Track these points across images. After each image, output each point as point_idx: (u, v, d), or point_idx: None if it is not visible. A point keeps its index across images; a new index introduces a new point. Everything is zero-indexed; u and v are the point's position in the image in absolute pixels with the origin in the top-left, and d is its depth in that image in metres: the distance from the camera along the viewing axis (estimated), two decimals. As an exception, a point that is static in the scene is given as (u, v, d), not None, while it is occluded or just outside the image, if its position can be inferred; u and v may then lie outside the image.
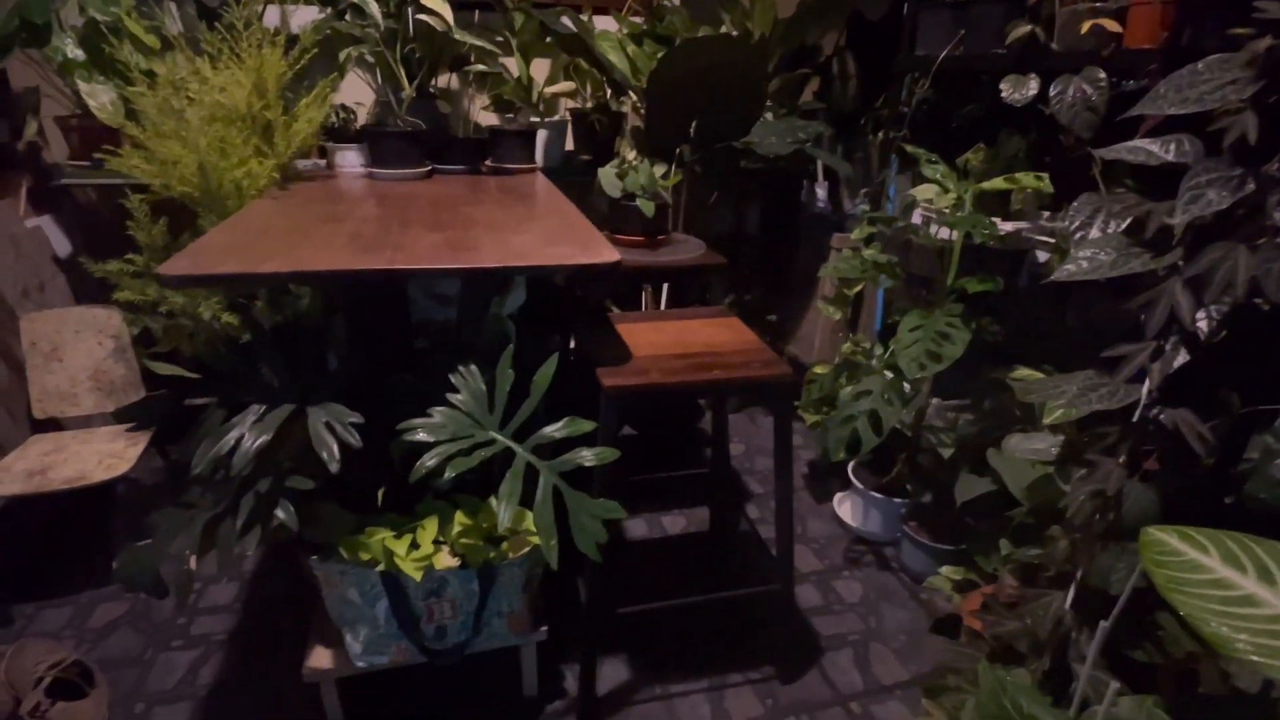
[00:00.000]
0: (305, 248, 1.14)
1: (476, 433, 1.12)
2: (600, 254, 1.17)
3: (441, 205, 1.56)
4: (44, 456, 1.67)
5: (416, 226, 1.34)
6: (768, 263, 2.98)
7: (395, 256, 1.11)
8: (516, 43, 2.20)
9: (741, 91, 1.89)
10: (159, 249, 1.61)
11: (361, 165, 1.98)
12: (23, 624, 1.62)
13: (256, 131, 1.61)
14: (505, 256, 1.15)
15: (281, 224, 1.31)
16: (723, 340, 1.37)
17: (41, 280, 2.05)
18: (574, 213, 1.52)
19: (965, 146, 1.92)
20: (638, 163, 1.67)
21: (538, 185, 1.89)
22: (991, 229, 1.50)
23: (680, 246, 1.76)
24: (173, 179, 1.53)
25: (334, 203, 1.54)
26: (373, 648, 1.27)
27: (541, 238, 1.30)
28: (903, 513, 1.87)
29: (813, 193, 2.83)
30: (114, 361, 1.80)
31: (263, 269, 1.01)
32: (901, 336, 1.58)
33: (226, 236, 1.19)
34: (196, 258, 1.05)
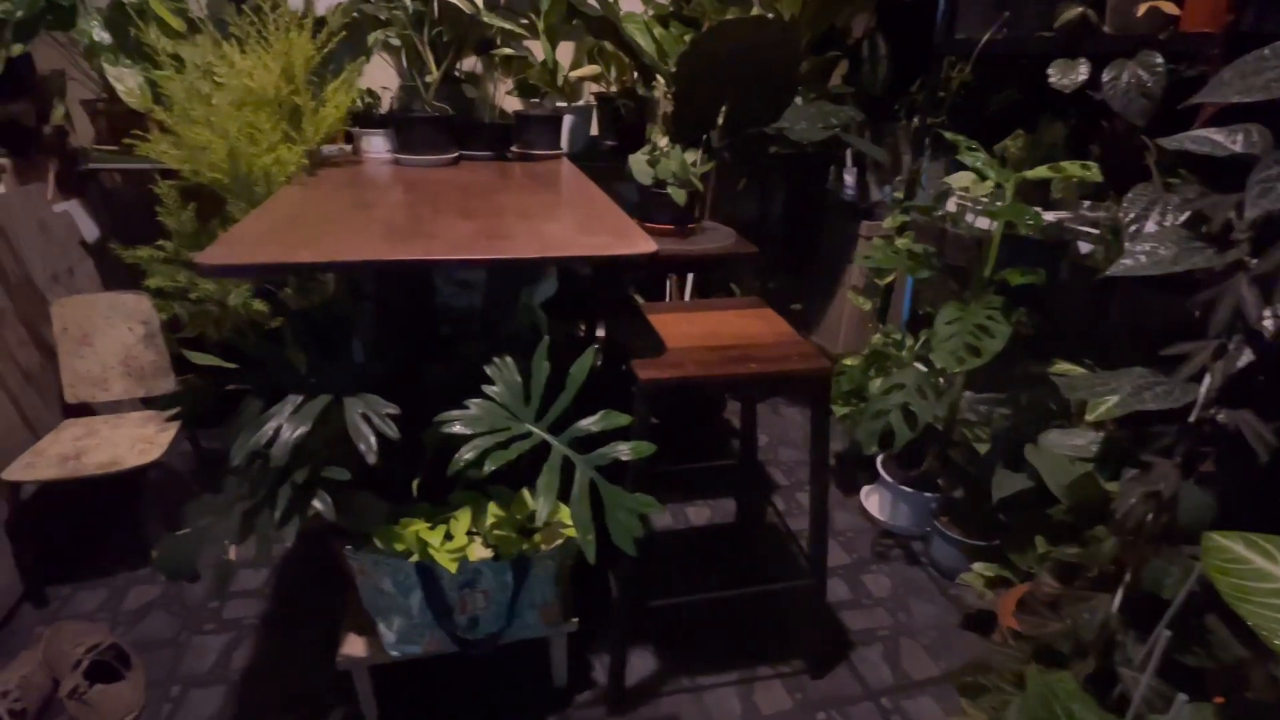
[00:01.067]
0: (339, 236, 1.12)
1: (513, 425, 1.11)
2: (637, 244, 1.15)
3: (471, 192, 1.54)
4: (76, 441, 1.68)
5: (448, 214, 1.32)
6: (792, 250, 2.94)
7: (430, 246, 1.09)
8: (543, 25, 2.16)
9: (773, 76, 1.84)
10: (188, 235, 1.61)
11: (388, 151, 1.96)
12: (58, 605, 1.64)
13: (284, 117, 1.59)
14: (541, 246, 1.12)
15: (313, 212, 1.29)
16: (757, 331, 1.35)
17: (70, 264, 2.06)
18: (604, 200, 1.49)
19: (1003, 132, 1.87)
20: (669, 149, 1.63)
21: (565, 171, 1.87)
22: (1036, 220, 1.46)
23: (710, 235, 1.73)
24: (202, 165, 1.52)
25: (363, 189, 1.52)
26: (406, 637, 1.27)
27: (575, 226, 1.27)
28: (933, 507, 1.85)
29: (840, 179, 2.78)
30: (144, 347, 1.81)
31: (299, 258, 1.00)
32: (938, 329, 1.55)
33: (259, 224, 1.18)
34: (232, 246, 1.04)
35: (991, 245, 1.65)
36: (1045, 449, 1.54)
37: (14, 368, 1.75)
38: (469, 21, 1.80)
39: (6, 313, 1.76)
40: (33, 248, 1.91)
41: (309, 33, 1.61)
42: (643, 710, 1.42)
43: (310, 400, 1.08)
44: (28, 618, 1.61)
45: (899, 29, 2.60)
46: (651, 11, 2.48)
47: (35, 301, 1.87)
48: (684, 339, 1.31)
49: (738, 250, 1.64)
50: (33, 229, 1.93)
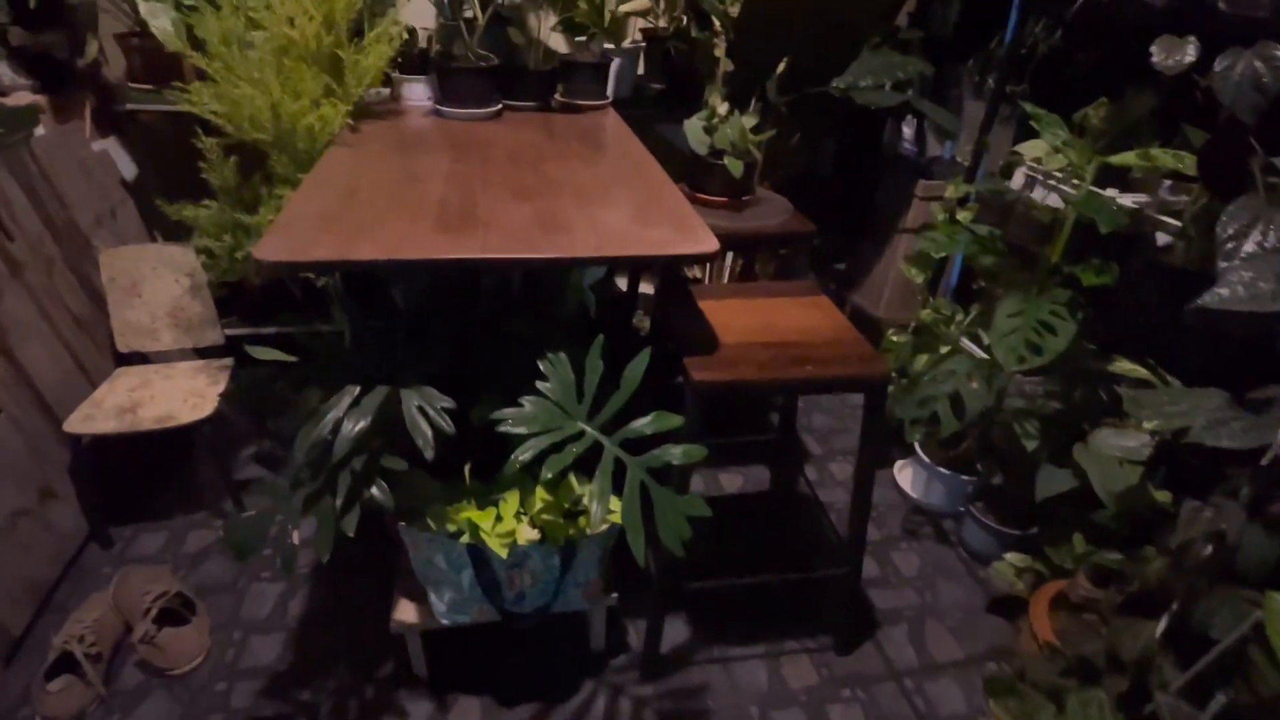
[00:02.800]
0: (396, 221, 1.09)
1: (566, 424, 1.11)
2: (699, 241, 1.11)
3: (520, 158, 1.48)
4: (131, 392, 1.72)
5: (500, 191, 1.27)
6: (839, 205, 2.82)
7: (488, 239, 1.06)
8: (592, -42, 2.01)
9: (843, 30, 1.71)
10: (231, 190, 1.57)
11: (428, 99, 1.88)
12: (121, 546, 1.74)
13: (325, 69, 1.52)
14: (599, 241, 1.09)
15: (365, 184, 1.26)
16: (814, 326, 1.32)
17: (112, 205, 2.05)
18: (658, 173, 1.43)
19: (1081, 96, 1.73)
20: (727, 116, 1.54)
21: (614, 129, 1.78)
22: (1120, 217, 1.37)
23: (765, 208, 1.66)
24: (244, 120, 1.47)
25: (410, 153, 1.47)
26: (456, 608, 1.33)
27: (633, 211, 1.22)
28: (969, 490, 1.85)
29: (898, 131, 2.63)
30: (191, 298, 1.82)
31: (360, 255, 0.98)
32: (998, 322, 1.50)
33: (312, 204, 1.15)
34: (288, 237, 1.01)
35: (1062, 231, 1.56)
36: (1094, 448, 1.51)
37: (66, 315, 1.78)
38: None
39: (56, 261, 1.77)
40: (76, 190, 1.90)
41: (350, -26, 1.52)
42: (674, 678, 1.49)
43: (368, 392, 1.09)
44: (94, 558, 1.70)
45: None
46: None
47: (82, 246, 1.87)
48: (737, 331, 1.28)
49: (795, 228, 1.58)
50: (74, 171, 1.91)
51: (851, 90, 1.72)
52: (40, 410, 1.65)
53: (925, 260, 2.12)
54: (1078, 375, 1.60)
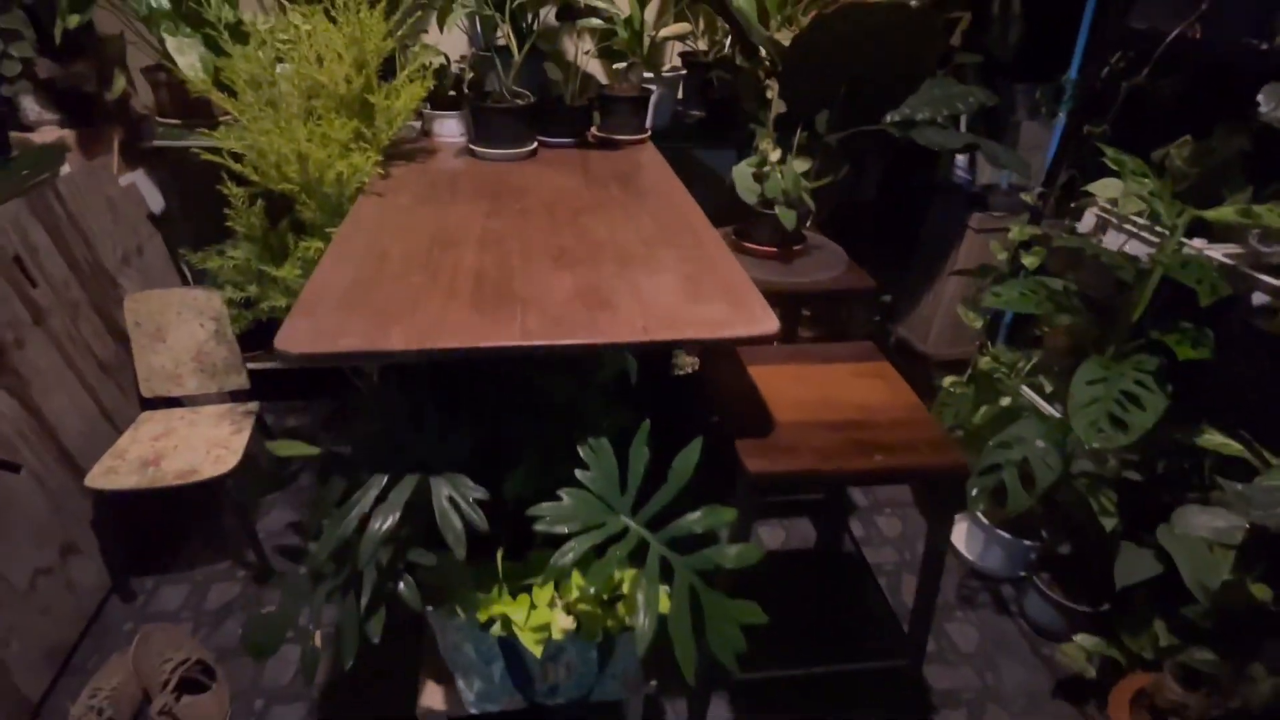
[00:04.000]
0: (429, 299, 1.01)
1: (608, 519, 1.01)
2: (757, 319, 1.00)
3: (557, 208, 1.39)
4: (155, 441, 1.67)
5: (538, 254, 1.19)
6: (884, 231, 2.69)
7: (528, 323, 0.97)
8: (632, -15, 1.91)
9: (901, 64, 1.59)
10: (257, 239, 1.51)
11: (460, 135, 1.80)
12: (144, 600, 1.69)
13: (354, 113, 1.45)
14: (648, 321, 0.99)
15: (395, 248, 1.18)
16: (878, 401, 1.20)
17: (139, 242, 2.01)
18: (705, 227, 1.33)
19: (1160, 131, 1.59)
20: (778, 158, 1.43)
21: (654, 169, 1.68)
22: (1223, 286, 1.24)
23: (818, 258, 1.55)
24: (270, 168, 1.40)
25: (443, 204, 1.39)
26: (486, 696, 1.24)
27: (681, 280, 1.12)
28: (1032, 558, 1.72)
29: (950, 156, 2.49)
30: (215, 343, 1.76)
31: (391, 344, 0.89)
32: (1076, 389, 1.37)
33: (339, 273, 1.07)
34: (314, 321, 0.94)
35: (1145, 288, 1.43)
36: (1180, 527, 1.38)
37: (91, 361, 1.74)
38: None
39: (81, 305, 1.73)
40: (102, 229, 1.85)
41: (381, 12, 1.44)
42: (717, 766, 1.39)
43: (396, 482, 1.00)
44: (116, 612, 1.66)
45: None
46: (751, -41, 2.19)
47: (108, 287, 1.83)
48: (791, 406, 1.18)
49: (852, 284, 1.46)
50: (101, 208, 1.87)
51: (911, 129, 1.60)
52: (63, 462, 1.60)
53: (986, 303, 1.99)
54: (1160, 445, 1.47)
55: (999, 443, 1.52)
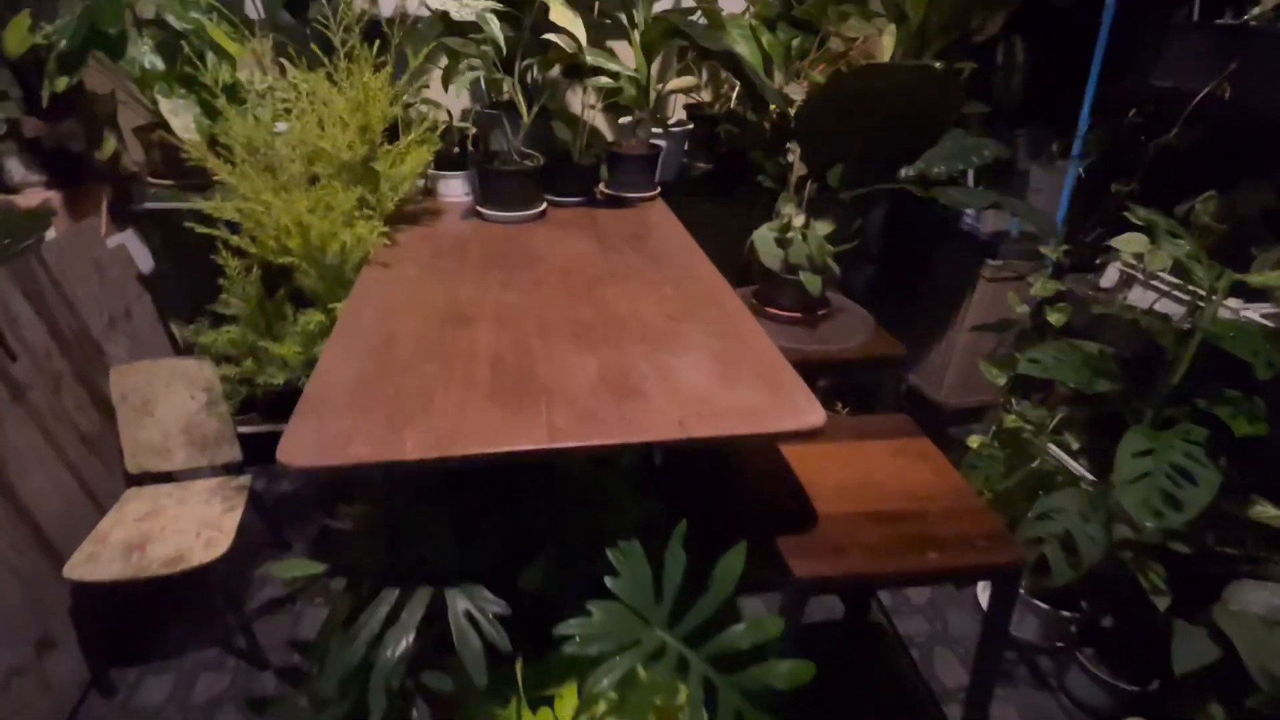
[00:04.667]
0: (445, 391, 0.93)
1: (644, 634, 0.92)
2: (801, 411, 0.93)
3: (573, 276, 1.32)
4: (140, 523, 1.56)
5: (558, 332, 1.11)
6: (892, 278, 2.65)
7: (554, 419, 0.89)
8: (641, 40, 1.88)
9: (923, 123, 1.55)
10: (252, 311, 1.43)
11: (466, 195, 1.74)
12: (125, 694, 1.56)
13: (357, 179, 1.38)
14: (684, 413, 0.91)
15: (405, 329, 1.10)
16: (923, 485, 1.13)
17: (127, 304, 1.92)
18: (730, 297, 1.26)
19: (1175, 184, 1.56)
20: (802, 223, 1.38)
21: (668, 230, 1.62)
22: (1276, 360, 1.18)
23: (843, 323, 1.49)
24: (267, 238, 1.33)
25: (453, 274, 1.32)
26: (502, 817, 1.13)
27: (712, 361, 1.05)
28: (1073, 630, 1.64)
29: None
30: (206, 415, 1.67)
31: (406, 453, 0.81)
32: (1122, 464, 1.30)
33: (345, 363, 0.99)
34: (319, 426, 0.85)
35: (1185, 352, 1.37)
36: (1235, 603, 1.31)
37: (73, 435, 1.63)
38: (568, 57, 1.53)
39: (64, 376, 1.63)
40: (88, 293, 1.77)
41: (387, 76, 1.38)
42: None
43: (408, 597, 0.91)
44: (95, 708, 1.53)
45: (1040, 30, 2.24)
46: (755, 10, 2.17)
47: (93, 354, 1.74)
48: (832, 493, 1.10)
49: (880, 351, 1.40)
50: (87, 271, 1.78)
51: (931, 188, 1.55)
52: (40, 548, 1.49)
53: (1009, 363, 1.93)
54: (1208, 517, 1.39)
55: (1039, 514, 1.45)
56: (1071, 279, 1.81)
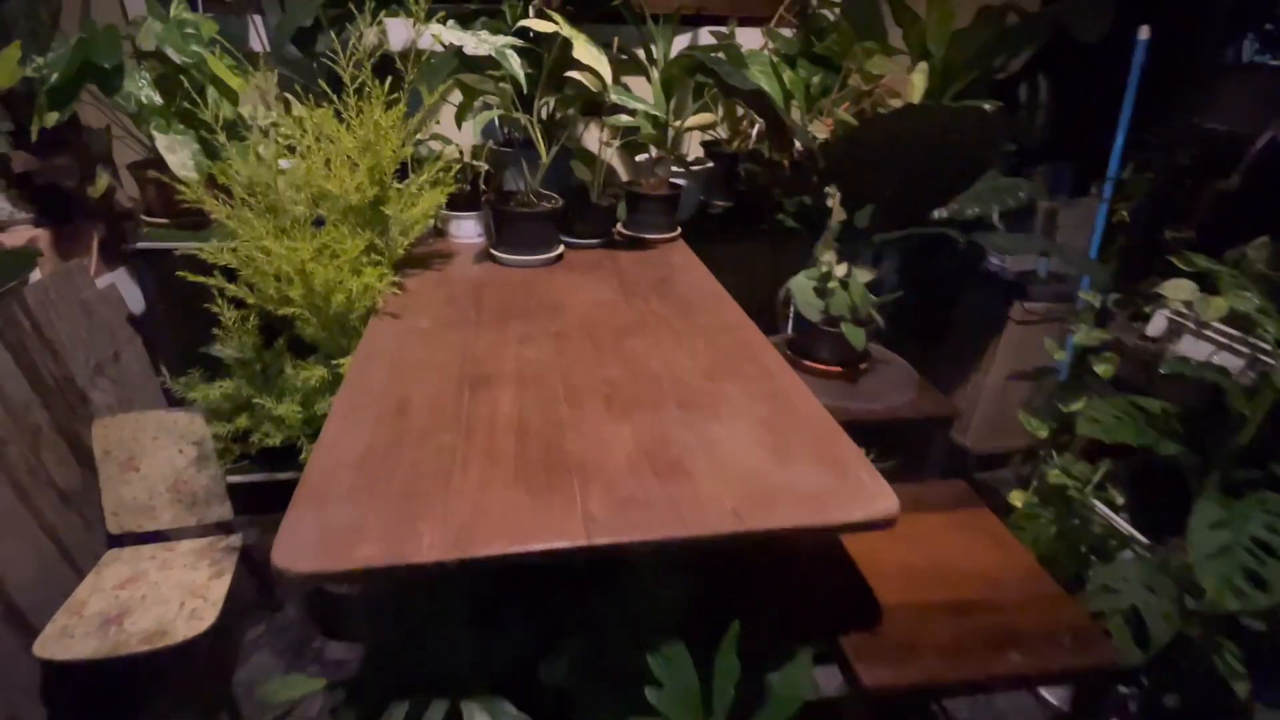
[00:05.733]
0: (464, 472, 0.82)
1: (691, 753, 0.80)
2: (869, 495, 0.82)
3: (598, 330, 1.22)
4: (119, 591, 1.44)
5: (587, 394, 1.01)
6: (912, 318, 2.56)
7: (590, 506, 0.78)
8: (660, 77, 1.81)
9: (962, 165, 1.48)
10: (250, 360, 1.33)
11: (479, 235, 1.65)
12: (98, 783, 1.42)
13: (365, 223, 1.29)
14: (736, 496, 0.80)
15: (419, 391, 1.00)
16: (993, 567, 1.02)
17: (116, 348, 1.81)
18: (767, 351, 1.16)
19: (1222, 225, 1.47)
20: (844, 272, 1.29)
21: (693, 275, 1.53)
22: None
23: (885, 377, 1.39)
24: (267, 285, 1.23)
25: (469, 326, 1.21)
26: None
27: (762, 431, 0.94)
28: (1133, 710, 1.51)
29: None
30: (196, 470, 1.55)
31: (420, 555, 0.70)
32: (1197, 537, 1.19)
33: (352, 435, 0.89)
34: (319, 521, 0.74)
35: (1255, 413, 1.27)
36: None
37: (51, 493, 1.51)
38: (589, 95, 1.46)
39: (44, 429, 1.52)
40: (74, 338, 1.66)
41: (399, 114, 1.30)
42: None
43: (421, 711, 0.79)
44: (63, 801, 1.38)
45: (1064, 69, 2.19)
46: (775, 45, 2.12)
47: (76, 404, 1.62)
48: (896, 578, 0.98)
49: (929, 410, 1.29)
50: (74, 315, 1.68)
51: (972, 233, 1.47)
52: (10, 620, 1.36)
53: (1049, 408, 1.83)
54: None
55: (1101, 586, 1.33)
56: (1114, 326, 1.72)
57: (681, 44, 2.15)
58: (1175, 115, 1.59)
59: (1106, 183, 1.92)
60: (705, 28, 2.17)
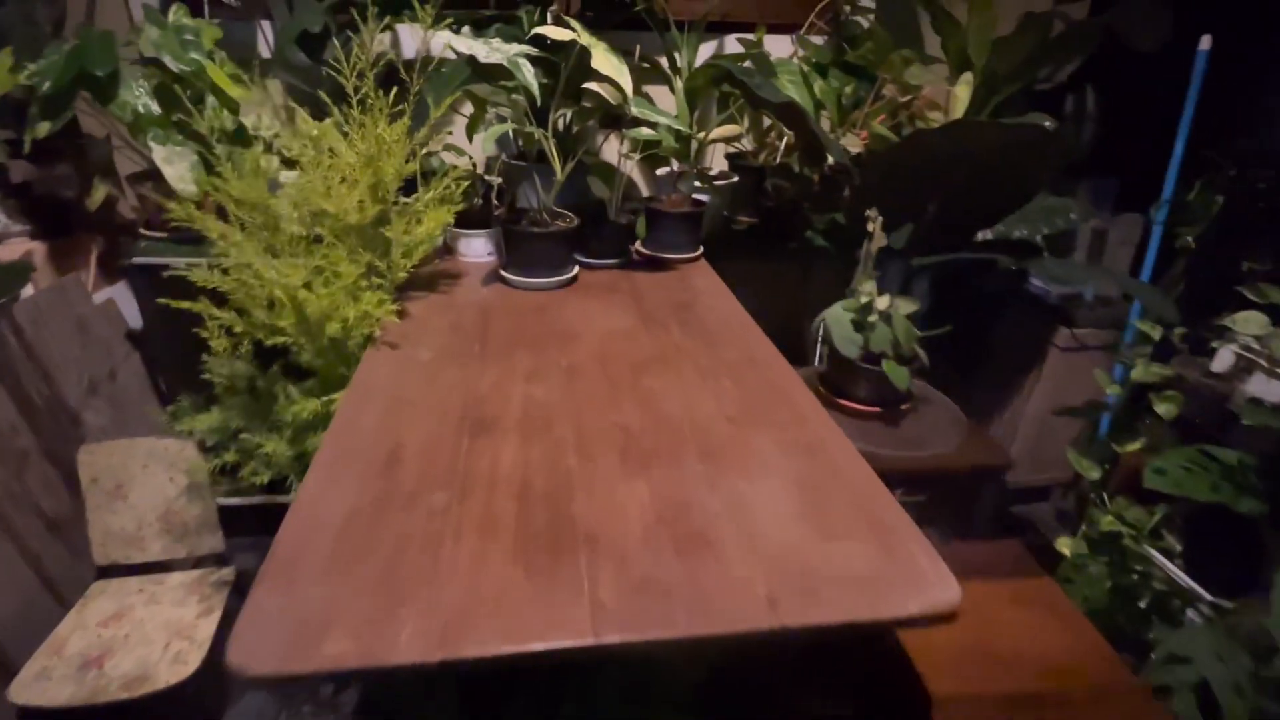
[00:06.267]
0: (456, 545, 0.72)
1: None
2: (929, 585, 0.71)
3: (613, 364, 1.12)
4: (102, 628, 1.36)
5: (601, 448, 0.90)
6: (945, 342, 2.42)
7: (600, 593, 0.67)
8: (684, 87, 1.71)
9: (1012, 186, 1.35)
10: (242, 390, 1.24)
11: (489, 254, 1.56)
12: (75, 833, 1.33)
13: (365, 243, 1.20)
14: (769, 579, 0.69)
15: (413, 436, 0.90)
16: (1057, 648, 0.90)
17: (112, 366, 1.74)
18: (801, 392, 1.05)
19: None
20: (886, 304, 1.17)
21: (716, 301, 1.42)
22: None
23: (929, 419, 1.26)
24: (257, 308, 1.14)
25: (473, 359, 1.12)
26: None
27: (798, 491, 0.83)
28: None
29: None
30: (186, 500, 1.47)
31: (399, 653, 0.59)
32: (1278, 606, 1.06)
33: (334, 492, 0.79)
34: (288, 596, 0.64)
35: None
36: None
37: (37, 521, 1.44)
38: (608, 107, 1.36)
39: (31, 453, 1.45)
40: (67, 358, 1.59)
41: (404, 128, 1.20)
42: None
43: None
44: None
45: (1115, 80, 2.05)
46: (802, 52, 2.00)
47: (66, 427, 1.55)
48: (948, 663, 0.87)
49: (980, 460, 1.17)
50: (68, 332, 1.61)
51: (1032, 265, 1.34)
52: (-16, 661, 1.29)
53: (1099, 449, 1.70)
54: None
55: (1167, 657, 1.20)
56: (1177, 361, 1.58)
57: (707, 52, 2.05)
58: (1242, 133, 1.45)
59: (1162, 205, 1.78)
60: (732, 35, 2.06)
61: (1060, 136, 1.30)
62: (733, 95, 1.82)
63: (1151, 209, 1.68)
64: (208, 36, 1.49)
